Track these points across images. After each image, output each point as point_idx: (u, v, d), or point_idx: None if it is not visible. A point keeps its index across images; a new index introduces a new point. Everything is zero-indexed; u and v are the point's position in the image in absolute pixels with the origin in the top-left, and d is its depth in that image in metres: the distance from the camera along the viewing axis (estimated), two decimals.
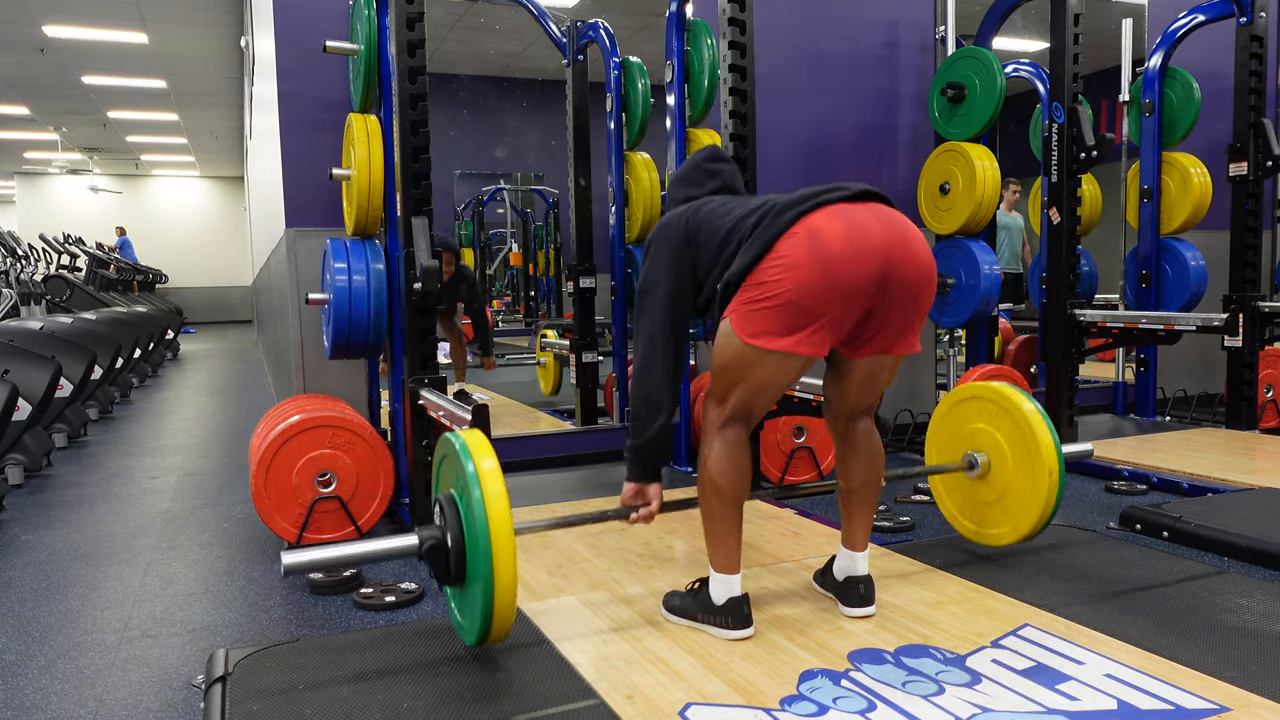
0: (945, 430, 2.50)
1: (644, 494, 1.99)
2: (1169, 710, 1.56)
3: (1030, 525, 2.28)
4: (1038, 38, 5.72)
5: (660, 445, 1.94)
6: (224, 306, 19.47)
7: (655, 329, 1.92)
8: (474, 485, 1.65)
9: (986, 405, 2.36)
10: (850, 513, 2.04)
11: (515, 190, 9.72)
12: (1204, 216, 4.52)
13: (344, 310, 3.02)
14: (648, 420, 1.92)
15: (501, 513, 1.63)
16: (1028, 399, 2.29)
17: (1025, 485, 2.27)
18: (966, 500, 2.46)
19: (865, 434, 2.03)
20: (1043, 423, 2.24)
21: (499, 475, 1.67)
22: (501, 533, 1.62)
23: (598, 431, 3.98)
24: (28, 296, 7.07)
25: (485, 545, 1.62)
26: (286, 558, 1.70)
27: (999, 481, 2.34)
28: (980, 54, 3.98)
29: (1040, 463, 2.21)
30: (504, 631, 1.70)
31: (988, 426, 2.35)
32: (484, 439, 1.75)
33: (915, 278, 1.78)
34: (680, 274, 1.92)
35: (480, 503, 1.63)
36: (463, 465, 1.68)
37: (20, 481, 3.89)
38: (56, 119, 13.77)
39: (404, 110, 2.82)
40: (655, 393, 1.91)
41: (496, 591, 1.63)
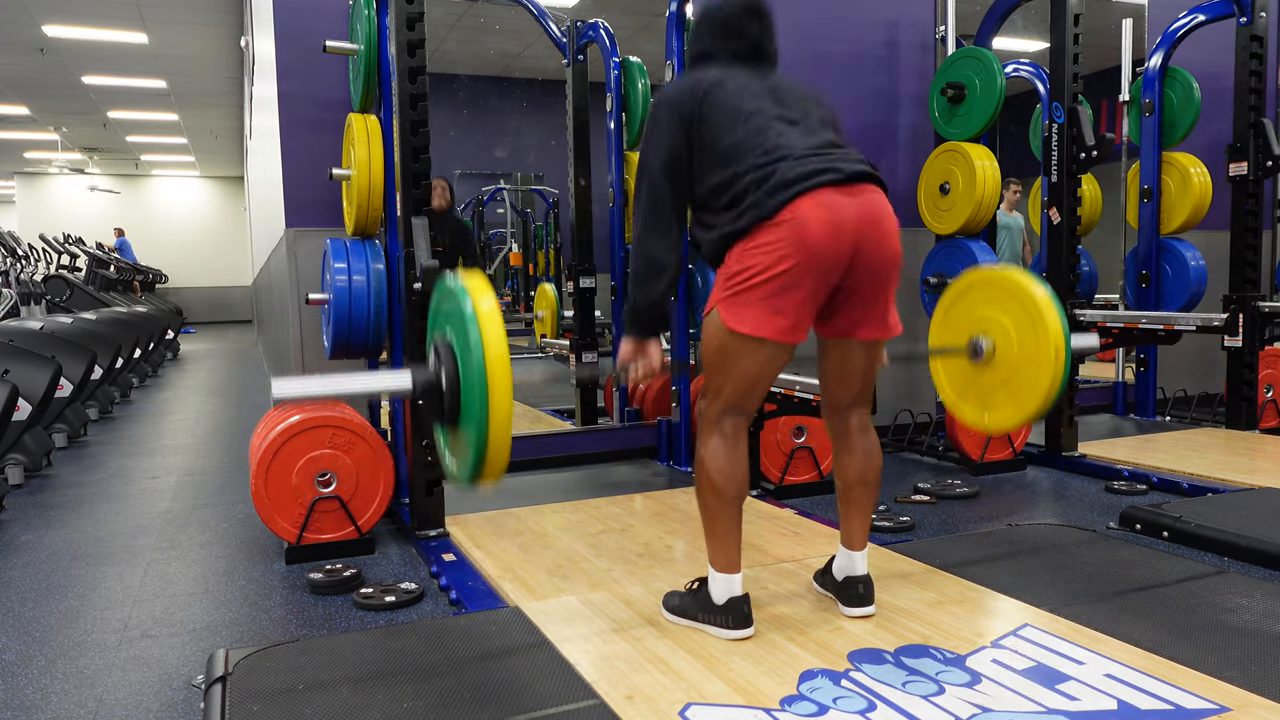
0: (950, 320, 2.45)
1: (643, 350, 1.95)
2: (1169, 710, 1.56)
3: (1035, 405, 2.22)
4: (1038, 38, 5.71)
5: (660, 308, 1.91)
6: (224, 306, 19.46)
7: (656, 195, 1.89)
8: (471, 325, 1.61)
9: (993, 290, 2.32)
10: (848, 511, 2.04)
11: (515, 190, 9.72)
12: (1204, 216, 4.52)
13: (344, 310, 3.02)
14: (649, 281, 1.89)
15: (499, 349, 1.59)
16: (1037, 282, 2.27)
17: (1030, 366, 2.22)
18: (969, 386, 2.42)
19: (860, 431, 2.03)
20: (1051, 304, 2.20)
21: (497, 316, 1.64)
22: (498, 368, 1.58)
23: (598, 431, 3.98)
24: (28, 296, 7.07)
25: (481, 380, 1.57)
26: (277, 390, 1.68)
27: (1004, 365, 2.29)
28: (980, 54, 3.98)
29: (1047, 342, 2.16)
30: (498, 469, 1.66)
31: (993, 311, 2.31)
32: (483, 281, 1.70)
33: (880, 261, 1.83)
34: (679, 147, 1.88)
35: (479, 342, 1.59)
36: (461, 305, 1.64)
37: (20, 481, 3.89)
38: (56, 119, 13.77)
39: (404, 110, 2.82)
40: (658, 255, 1.88)
41: (492, 432, 1.58)
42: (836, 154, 1.84)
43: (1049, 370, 2.17)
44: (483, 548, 2.66)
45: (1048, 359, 2.17)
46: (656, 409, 4.12)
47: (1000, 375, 2.30)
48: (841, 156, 1.84)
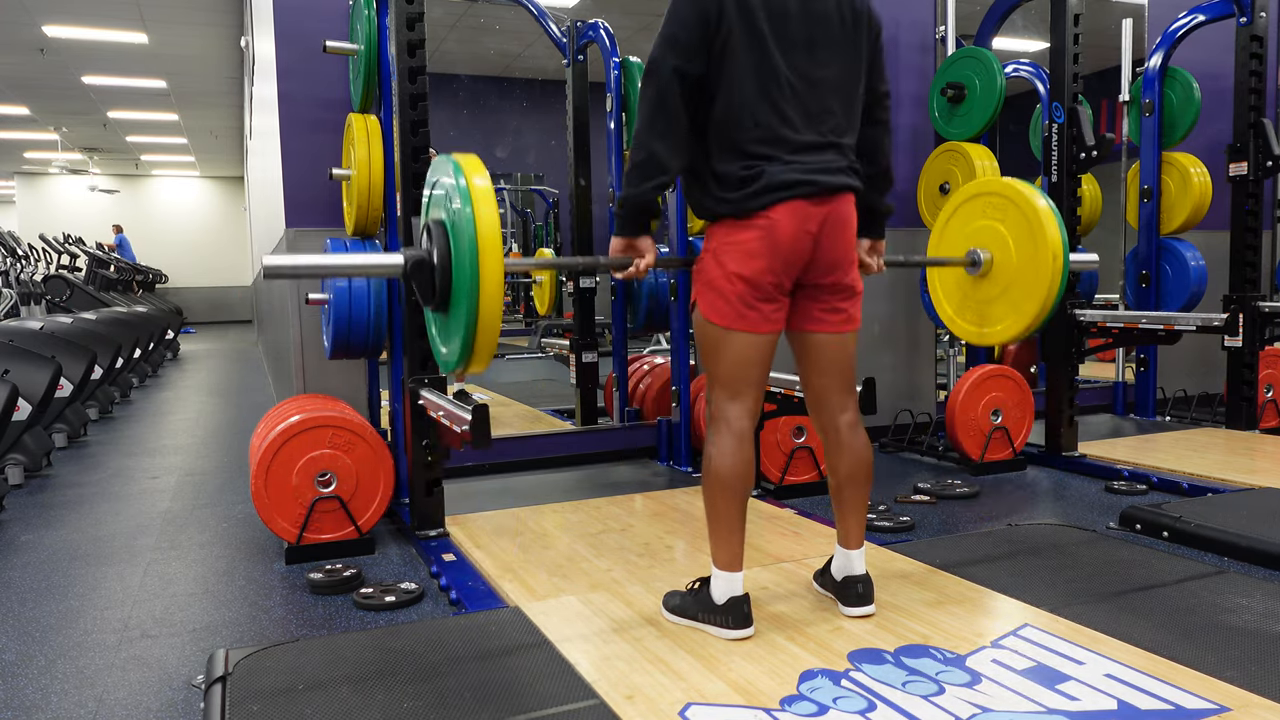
0: (949, 233, 2.45)
1: (635, 247, 1.94)
2: (1169, 710, 1.56)
3: (1034, 312, 2.22)
4: (1038, 38, 5.72)
5: (653, 202, 1.87)
6: (224, 306, 19.47)
7: (665, 96, 1.82)
8: (465, 201, 1.59)
9: (992, 200, 2.31)
10: (842, 510, 2.05)
11: (515, 190, 9.73)
12: (1204, 216, 4.52)
13: (344, 310, 3.02)
14: (645, 175, 1.83)
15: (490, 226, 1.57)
16: (1037, 192, 2.26)
17: (1029, 274, 2.22)
18: (966, 300, 2.41)
19: (848, 429, 2.04)
20: (1050, 213, 2.20)
21: (491, 195, 1.62)
22: (489, 247, 1.56)
23: (598, 431, 3.98)
24: (28, 296, 7.07)
25: (472, 260, 1.55)
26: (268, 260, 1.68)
27: (1002, 276, 2.29)
28: (980, 54, 3.98)
29: (1045, 248, 2.15)
30: (485, 356, 1.63)
31: (992, 221, 2.30)
32: (477, 161, 1.68)
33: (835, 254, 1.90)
34: (696, 46, 1.81)
35: (470, 220, 1.57)
36: (455, 179, 1.62)
37: (20, 481, 3.89)
38: (56, 119, 13.78)
39: (404, 110, 2.82)
40: (659, 154, 1.82)
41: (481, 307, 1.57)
42: (827, 156, 1.87)
43: (1047, 275, 2.16)
44: (483, 548, 2.66)
45: (1045, 264, 2.16)
46: (656, 409, 4.12)
47: (999, 285, 2.29)
48: (829, 163, 1.87)
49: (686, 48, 1.81)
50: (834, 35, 1.90)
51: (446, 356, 1.72)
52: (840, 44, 1.91)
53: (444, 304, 1.69)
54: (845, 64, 1.92)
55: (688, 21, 1.81)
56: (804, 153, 1.86)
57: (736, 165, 1.85)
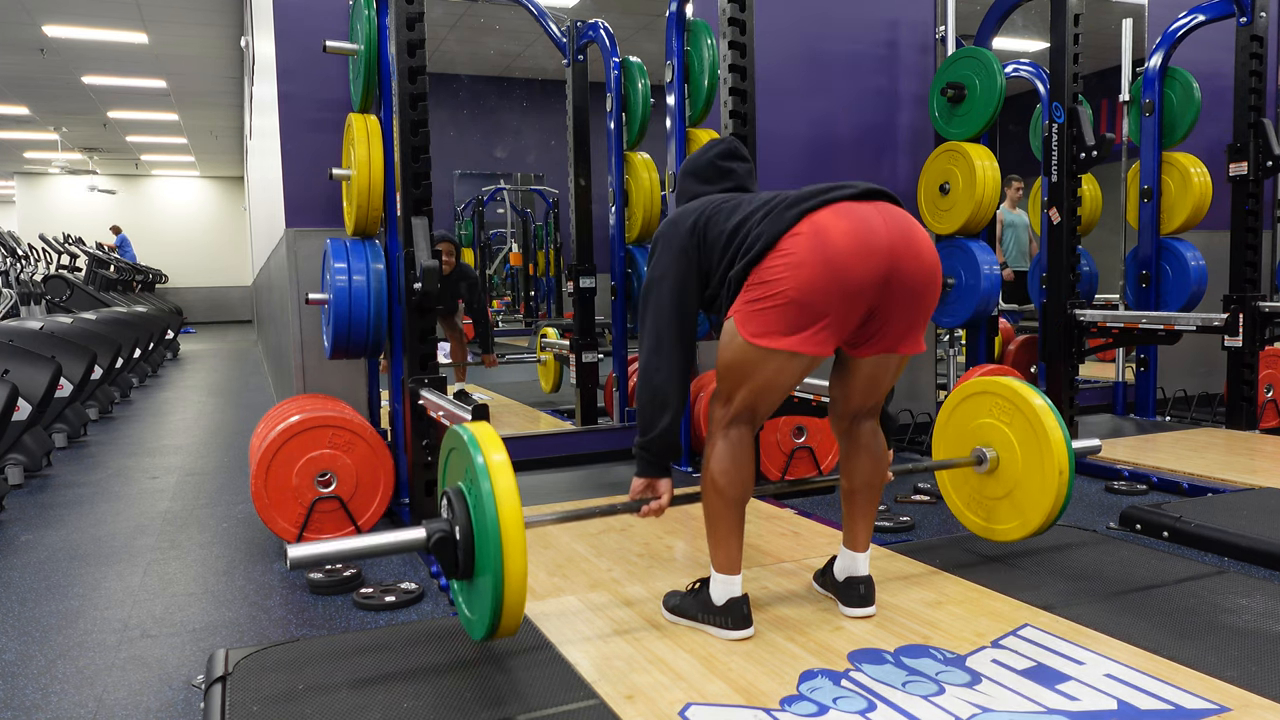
0: (953, 425, 2.49)
1: (654, 488, 1.98)
2: (1169, 710, 1.56)
3: (1039, 521, 2.27)
4: (1038, 38, 5.72)
5: (669, 442, 1.92)
6: (224, 306, 19.47)
7: (661, 326, 1.89)
8: (483, 478, 1.63)
9: (996, 400, 2.35)
10: (852, 513, 2.04)
11: (515, 190, 9.72)
12: (1204, 216, 4.52)
13: (344, 310, 3.02)
14: (654, 418, 1.90)
15: (512, 505, 1.61)
16: (1038, 394, 2.28)
17: (1035, 482, 2.25)
18: (974, 495, 2.45)
19: (870, 434, 2.02)
20: (1054, 419, 2.22)
21: (509, 468, 1.65)
22: (512, 525, 1.60)
23: (598, 431, 3.98)
24: (28, 296, 7.07)
25: (495, 538, 1.60)
26: (293, 552, 1.68)
27: (1008, 477, 2.32)
28: (980, 54, 3.98)
29: (1051, 460, 2.19)
30: (513, 625, 1.68)
31: (996, 422, 2.33)
32: (492, 432, 1.73)
33: (920, 277, 1.76)
34: (686, 271, 1.89)
35: (490, 496, 1.61)
36: (472, 458, 1.66)
37: (20, 481, 3.89)
38: (56, 119, 13.77)
39: (404, 110, 2.82)
40: (661, 390, 1.88)
41: (507, 586, 1.60)
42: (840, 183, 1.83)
43: (1053, 488, 2.21)
44: None
45: (1052, 478, 2.21)
46: None
47: (1004, 487, 2.33)
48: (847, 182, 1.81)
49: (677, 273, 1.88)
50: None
51: (474, 622, 1.76)
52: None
53: (468, 575, 1.74)
54: None
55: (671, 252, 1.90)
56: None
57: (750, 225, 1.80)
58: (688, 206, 1.97)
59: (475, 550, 1.69)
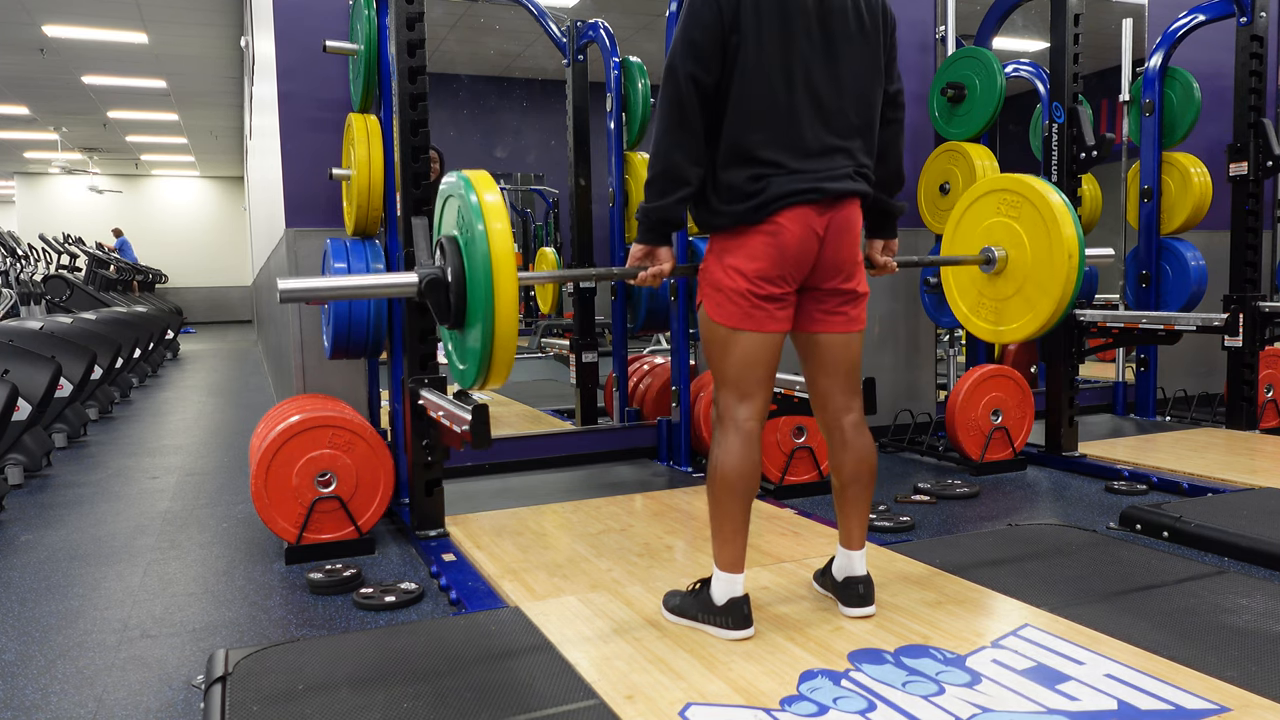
0: (962, 230, 2.42)
1: (654, 255, 1.94)
2: (1169, 710, 1.56)
3: (1050, 310, 2.21)
4: (1038, 38, 5.72)
5: (675, 213, 1.88)
6: (224, 306, 19.47)
7: (683, 104, 1.80)
8: (477, 218, 1.60)
9: (1006, 196, 2.29)
10: (845, 511, 2.04)
11: (515, 190, 9.72)
12: (1204, 216, 4.52)
13: (344, 310, 3.02)
14: (666, 189, 1.84)
15: (504, 243, 1.58)
16: (1053, 189, 2.24)
17: (1045, 272, 2.20)
18: (981, 298, 2.39)
19: (853, 429, 2.03)
20: (1065, 208, 2.18)
21: (503, 211, 1.63)
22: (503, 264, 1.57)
23: (598, 431, 3.98)
24: (28, 296, 7.07)
25: (486, 277, 1.56)
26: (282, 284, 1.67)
27: (1017, 273, 2.26)
28: (980, 54, 3.98)
29: (1060, 246, 2.14)
30: (503, 372, 1.65)
31: (1005, 219, 2.28)
32: (487, 176, 1.69)
33: (839, 256, 1.91)
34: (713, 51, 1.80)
35: (483, 236, 1.58)
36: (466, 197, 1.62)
37: (20, 481, 3.89)
38: (56, 119, 13.78)
39: (404, 110, 2.82)
40: (678, 167, 1.83)
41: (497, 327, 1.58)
42: (836, 161, 1.86)
43: (1063, 272, 2.15)
44: (483, 548, 2.66)
45: (1061, 262, 2.15)
46: (656, 409, 4.12)
47: (1014, 283, 2.28)
48: (836, 169, 1.86)
49: (703, 51, 1.80)
50: (850, 32, 1.86)
51: (464, 372, 1.73)
52: (856, 41, 1.88)
53: (459, 322, 1.70)
54: (861, 63, 1.89)
55: (705, 21, 1.80)
56: (812, 158, 1.84)
57: (743, 175, 1.83)
58: None
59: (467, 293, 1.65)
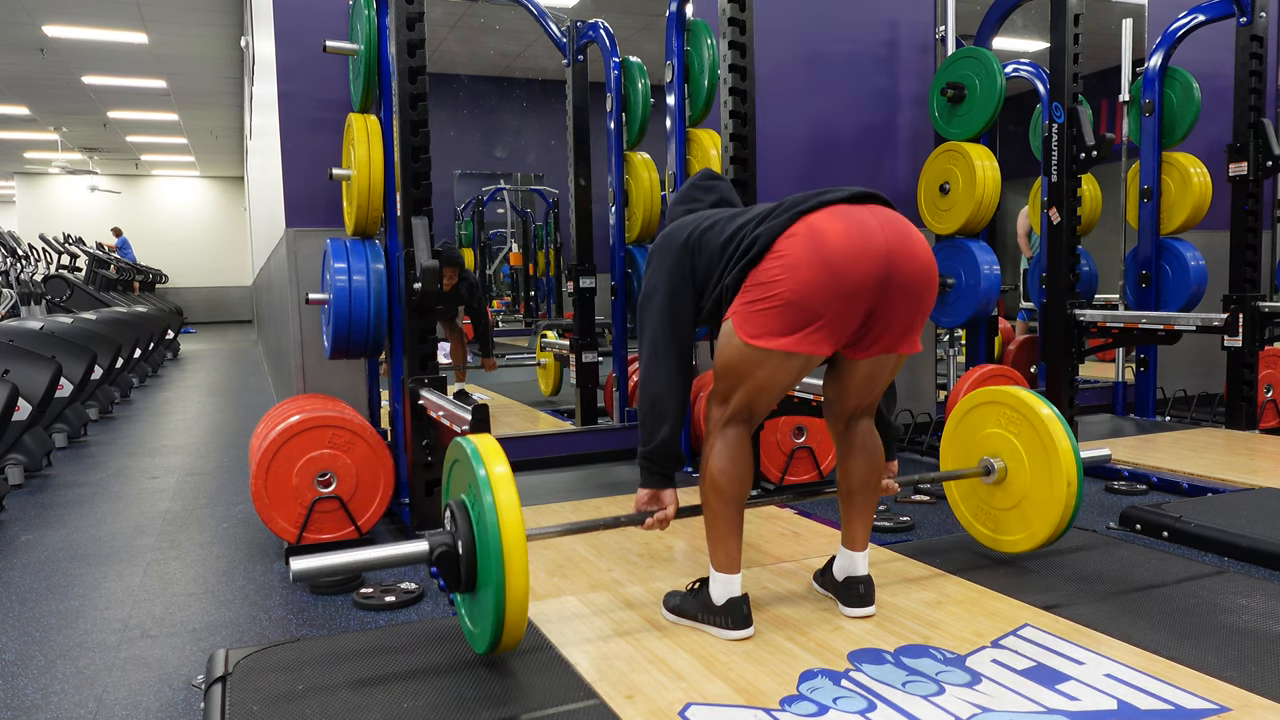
0: (960, 435, 2.48)
1: (658, 499, 1.98)
2: (1169, 710, 1.56)
3: (1047, 534, 2.27)
4: (1038, 38, 5.72)
5: (670, 451, 1.92)
6: (224, 306, 19.47)
7: (657, 336, 1.90)
8: (485, 490, 1.63)
9: (1003, 410, 2.34)
10: (850, 513, 2.04)
11: (515, 190, 9.72)
12: (1204, 216, 4.52)
13: (344, 310, 3.02)
14: (654, 428, 1.90)
15: (514, 520, 1.61)
16: (1045, 404, 2.27)
17: (1043, 493, 2.24)
18: (982, 506, 2.44)
19: (865, 434, 2.02)
20: (1062, 430, 2.21)
21: (511, 481, 1.66)
22: (514, 540, 1.60)
23: (598, 431, 3.98)
24: (28, 296, 7.07)
25: (497, 553, 1.60)
26: (295, 564, 1.68)
27: (1016, 488, 2.31)
28: (980, 54, 3.97)
29: (1059, 472, 2.18)
30: (515, 640, 1.69)
31: (1004, 432, 2.33)
32: (495, 444, 1.73)
33: (917, 278, 1.77)
34: (680, 282, 1.90)
35: (492, 508, 1.61)
36: (474, 470, 1.66)
37: (20, 481, 3.89)
38: (56, 119, 13.77)
39: (404, 110, 2.82)
40: (660, 401, 1.89)
41: (508, 600, 1.61)
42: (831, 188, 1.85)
43: (1061, 501, 2.19)
44: None
45: (1060, 490, 2.19)
46: None
47: (1012, 498, 2.32)
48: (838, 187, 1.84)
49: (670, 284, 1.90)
50: None
51: (476, 635, 1.76)
52: None
53: (470, 589, 1.74)
54: None
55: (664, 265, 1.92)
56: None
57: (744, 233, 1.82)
58: (682, 220, 2.00)
59: (478, 564, 1.69)
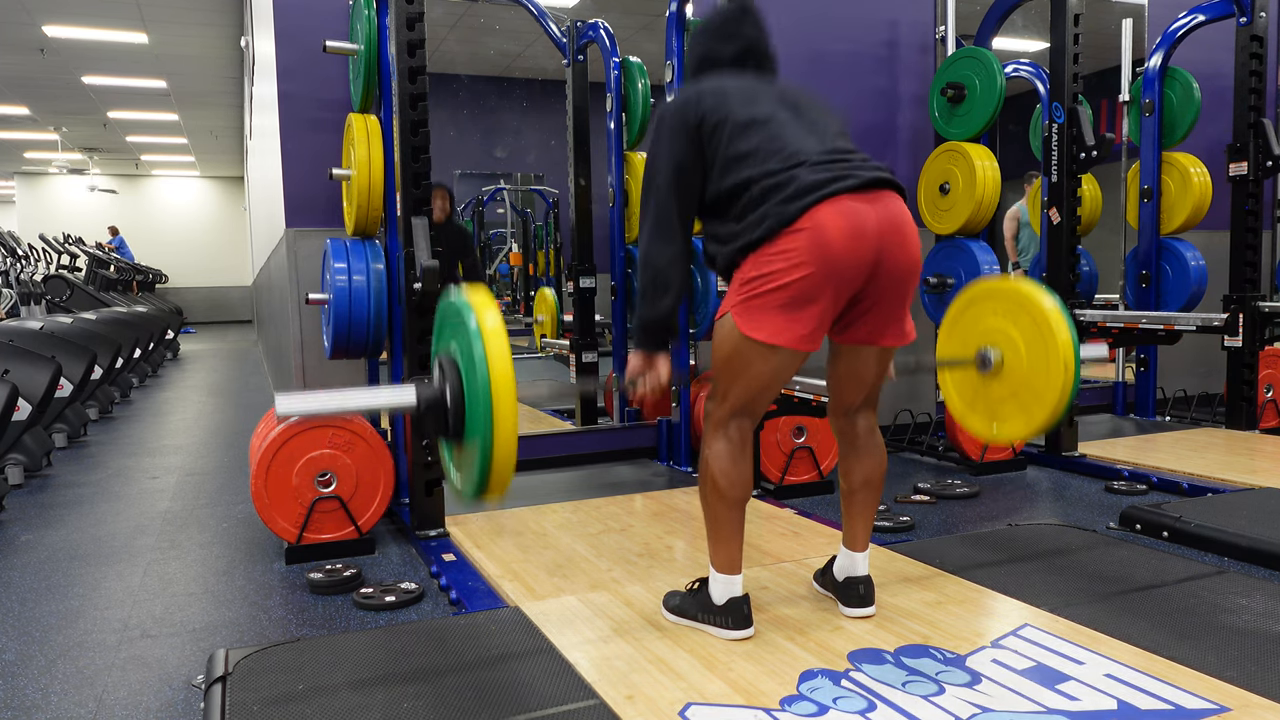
0: (959, 329, 2.44)
1: (651, 364, 1.95)
2: (1169, 710, 1.56)
3: (1044, 419, 2.20)
4: (1038, 38, 5.72)
5: (668, 321, 1.90)
6: (224, 306, 19.46)
7: (662, 207, 1.87)
8: (476, 340, 1.59)
9: (1002, 301, 2.31)
10: (851, 513, 2.04)
11: (515, 190, 9.72)
12: (1204, 216, 4.52)
13: (344, 310, 3.02)
14: (656, 299, 1.87)
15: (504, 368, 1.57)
16: (1046, 294, 2.25)
17: (1040, 379, 2.20)
18: (977, 397, 2.41)
19: (867, 433, 2.03)
20: (1061, 316, 2.19)
21: (502, 333, 1.63)
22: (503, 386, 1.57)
23: (598, 431, 3.98)
24: (28, 296, 7.07)
25: (486, 400, 1.56)
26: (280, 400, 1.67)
27: (1013, 377, 2.28)
28: (980, 54, 3.97)
29: (1056, 355, 2.16)
30: (501, 488, 1.64)
31: (1002, 322, 2.29)
32: (488, 296, 1.69)
33: (901, 269, 1.82)
34: (686, 152, 1.86)
35: (483, 359, 1.58)
36: (465, 321, 1.62)
37: (20, 481, 3.89)
38: (56, 119, 13.77)
39: (404, 110, 2.82)
40: (664, 274, 1.86)
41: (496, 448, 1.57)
42: (854, 159, 1.82)
43: (1058, 383, 2.15)
44: (483, 548, 2.66)
45: (1057, 372, 2.15)
46: (656, 409, 4.12)
47: (1009, 387, 2.29)
48: (859, 163, 1.81)
49: (678, 157, 1.86)
50: (813, 103, 1.94)
51: (462, 486, 1.73)
52: (820, 109, 1.94)
53: (458, 439, 1.71)
54: (832, 120, 1.94)
55: (675, 135, 1.87)
56: (829, 160, 1.80)
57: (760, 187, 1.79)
58: (691, 90, 1.93)
59: (466, 413, 1.64)
